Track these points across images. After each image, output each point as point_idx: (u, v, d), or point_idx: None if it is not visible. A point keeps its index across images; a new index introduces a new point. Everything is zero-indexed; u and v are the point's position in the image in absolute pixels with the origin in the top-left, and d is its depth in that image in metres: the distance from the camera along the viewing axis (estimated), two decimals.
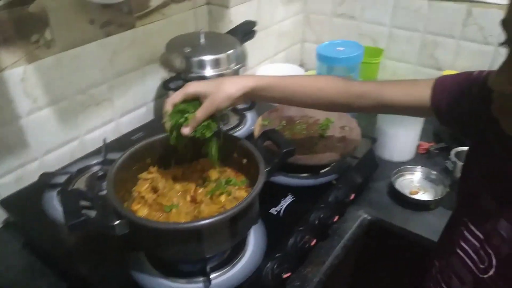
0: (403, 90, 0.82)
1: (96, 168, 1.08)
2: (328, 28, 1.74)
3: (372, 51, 1.58)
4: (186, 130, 0.79)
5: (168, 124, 0.81)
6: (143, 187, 0.86)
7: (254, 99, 0.95)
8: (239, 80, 0.82)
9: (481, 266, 0.70)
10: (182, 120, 0.80)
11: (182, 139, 0.82)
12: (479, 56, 1.41)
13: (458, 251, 0.75)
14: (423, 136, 1.33)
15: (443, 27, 1.47)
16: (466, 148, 1.19)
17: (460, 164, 1.15)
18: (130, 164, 0.86)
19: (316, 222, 0.98)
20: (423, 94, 0.79)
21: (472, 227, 0.73)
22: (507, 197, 0.68)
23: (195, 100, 0.81)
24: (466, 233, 0.74)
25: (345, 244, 1.02)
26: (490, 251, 0.69)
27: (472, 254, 0.72)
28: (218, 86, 0.80)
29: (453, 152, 1.21)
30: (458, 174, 1.17)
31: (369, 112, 0.92)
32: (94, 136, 1.20)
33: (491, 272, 0.68)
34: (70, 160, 1.15)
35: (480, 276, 0.70)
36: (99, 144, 1.15)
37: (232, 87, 0.80)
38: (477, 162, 0.76)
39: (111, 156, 1.08)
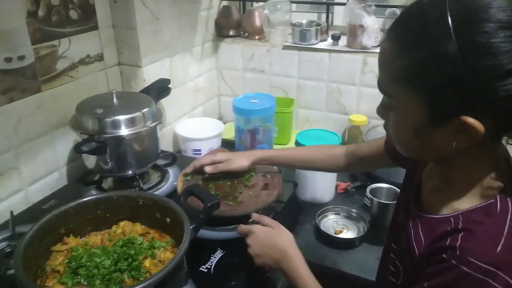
0: (369, 144, 1.05)
1: (3, 245, 0.97)
2: (241, 82, 1.82)
3: (284, 101, 1.67)
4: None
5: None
6: (57, 261, 0.78)
7: (261, 164, 1.16)
8: (249, 154, 1.13)
9: None
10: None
11: None
12: (379, 99, 1.56)
13: (389, 277, 0.78)
14: (340, 176, 1.41)
15: (344, 75, 1.61)
16: (380, 184, 1.28)
17: (376, 200, 1.23)
18: (41, 236, 0.78)
19: (249, 274, 0.96)
20: (380, 145, 0.98)
21: (394, 246, 0.78)
22: (411, 208, 0.73)
23: None
24: (392, 255, 0.78)
25: None
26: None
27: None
28: (235, 158, 1.11)
29: (368, 189, 1.29)
30: (375, 210, 1.24)
31: (349, 171, 1.29)
32: (0, 209, 1.09)
33: None
34: None
35: None
36: (6, 217, 1.05)
37: (244, 161, 1.10)
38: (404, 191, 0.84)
39: (20, 229, 0.98)
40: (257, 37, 1.77)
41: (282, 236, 0.92)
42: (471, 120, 0.55)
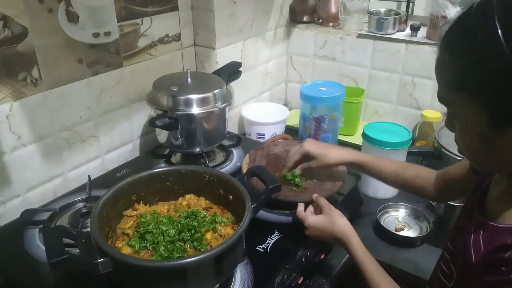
0: (459, 164, 0.94)
1: (80, 205, 1.06)
2: (310, 69, 1.80)
3: (354, 91, 1.63)
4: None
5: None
6: (127, 224, 0.84)
7: (349, 166, 1.13)
8: (341, 153, 1.06)
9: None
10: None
11: None
12: None
13: (441, 277, 0.77)
14: None
15: (421, 68, 1.54)
16: None
17: None
18: (115, 201, 0.85)
19: (303, 259, 0.97)
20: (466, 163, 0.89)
21: (451, 247, 0.77)
22: (475, 212, 0.71)
23: None
24: (447, 255, 0.77)
25: (332, 283, 1.01)
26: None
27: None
28: (324, 154, 1.05)
29: None
30: (441, 211, 1.18)
31: (439, 198, 1.07)
32: (79, 173, 1.19)
33: None
34: (53, 197, 1.13)
35: None
36: (84, 180, 1.14)
37: (334, 158, 1.05)
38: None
39: (96, 193, 1.06)
40: (331, 24, 1.73)
41: (335, 224, 0.92)
42: None
